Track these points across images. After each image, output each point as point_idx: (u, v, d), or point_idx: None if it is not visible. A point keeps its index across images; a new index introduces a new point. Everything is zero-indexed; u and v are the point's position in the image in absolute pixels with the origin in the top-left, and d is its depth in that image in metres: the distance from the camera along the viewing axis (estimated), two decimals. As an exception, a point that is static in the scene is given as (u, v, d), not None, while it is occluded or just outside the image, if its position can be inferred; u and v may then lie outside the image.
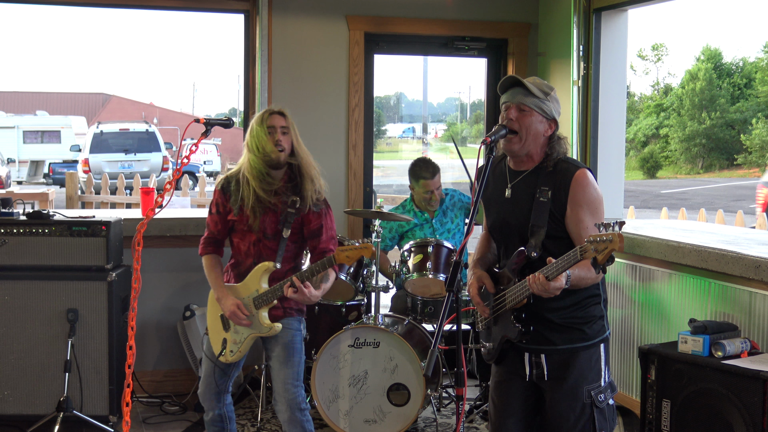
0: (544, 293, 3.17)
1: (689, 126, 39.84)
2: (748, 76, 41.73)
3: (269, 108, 4.20)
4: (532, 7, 6.76)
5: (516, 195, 3.44)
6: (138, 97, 56.52)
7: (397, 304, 5.71)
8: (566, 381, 3.43)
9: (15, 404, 5.18)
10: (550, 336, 3.43)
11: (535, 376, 3.49)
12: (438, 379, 5.26)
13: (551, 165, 3.39)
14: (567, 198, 3.33)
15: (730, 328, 4.32)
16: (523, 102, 3.35)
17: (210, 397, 4.25)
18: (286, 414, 4.13)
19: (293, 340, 4.17)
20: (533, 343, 3.45)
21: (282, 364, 4.14)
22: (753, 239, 5.06)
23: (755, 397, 3.81)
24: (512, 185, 3.45)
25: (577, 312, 3.43)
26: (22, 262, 5.16)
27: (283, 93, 6.27)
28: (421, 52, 7.45)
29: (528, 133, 3.36)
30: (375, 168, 7.02)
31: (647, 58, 48.29)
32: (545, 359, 3.45)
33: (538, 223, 3.34)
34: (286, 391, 4.11)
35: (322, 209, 4.16)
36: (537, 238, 3.33)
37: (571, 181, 3.34)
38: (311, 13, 6.38)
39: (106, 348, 5.20)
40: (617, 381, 5.59)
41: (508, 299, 3.42)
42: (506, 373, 3.58)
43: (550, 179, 3.37)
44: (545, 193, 3.34)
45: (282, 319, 4.15)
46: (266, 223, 4.09)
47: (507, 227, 3.47)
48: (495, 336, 3.56)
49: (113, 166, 22.17)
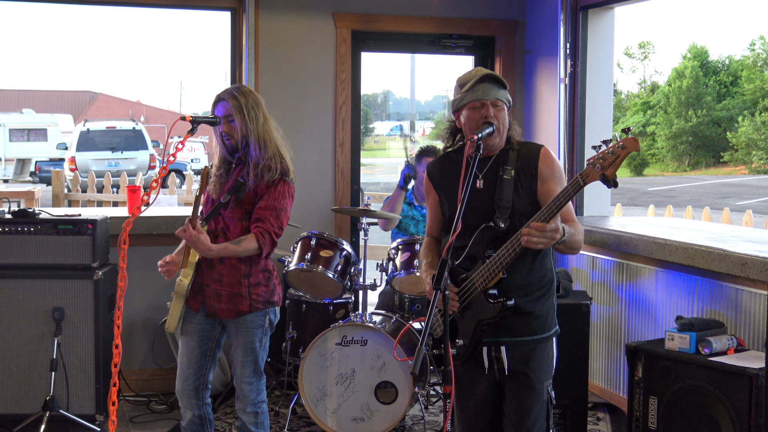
0: (543, 239, 3.12)
1: (676, 124, 39.98)
2: (734, 73, 41.90)
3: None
4: (520, 4, 6.77)
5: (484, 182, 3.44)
6: (125, 95, 56.37)
7: (384, 300, 5.71)
8: (529, 375, 3.41)
9: (1, 404, 5.16)
10: (511, 324, 3.38)
11: (497, 370, 3.44)
12: (425, 377, 5.26)
13: (515, 147, 3.45)
14: (536, 173, 3.38)
15: (717, 325, 4.33)
16: (497, 98, 3.39)
17: (188, 393, 4.17)
18: (244, 407, 4.16)
19: (253, 340, 4.15)
20: (492, 336, 3.39)
21: (240, 362, 4.15)
22: (739, 236, 5.08)
23: (742, 393, 3.82)
24: (483, 175, 3.43)
25: (537, 299, 3.42)
26: (8, 260, 5.14)
27: (270, 91, 6.26)
28: (408, 50, 7.46)
29: (504, 126, 3.42)
30: (362, 166, 7.01)
31: (634, 56, 48.44)
32: (506, 352, 3.42)
33: (504, 197, 3.36)
34: (242, 390, 4.15)
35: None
36: (503, 211, 3.34)
37: (539, 156, 3.41)
38: (298, 10, 6.37)
39: (93, 347, 5.18)
40: (604, 378, 5.61)
41: (477, 282, 3.35)
42: (465, 375, 3.50)
43: (512, 159, 3.41)
44: (508, 172, 3.38)
45: (247, 315, 4.12)
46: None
47: (472, 213, 3.37)
48: (465, 329, 3.43)
49: (100, 164, 22.07)
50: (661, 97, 42.34)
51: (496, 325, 3.36)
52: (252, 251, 4.02)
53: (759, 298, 4.28)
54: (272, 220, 4.04)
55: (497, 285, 3.32)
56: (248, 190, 4.03)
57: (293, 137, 6.39)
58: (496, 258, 3.28)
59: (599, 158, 2.96)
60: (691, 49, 43.12)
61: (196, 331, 4.16)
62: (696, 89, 40.27)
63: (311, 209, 6.37)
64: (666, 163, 40.79)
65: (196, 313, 4.15)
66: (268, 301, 4.18)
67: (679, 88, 40.39)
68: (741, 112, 38.47)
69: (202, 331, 4.16)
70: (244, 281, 4.10)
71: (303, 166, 6.39)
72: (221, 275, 4.09)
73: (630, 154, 2.94)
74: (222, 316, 4.12)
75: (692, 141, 39.99)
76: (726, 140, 38.60)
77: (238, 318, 4.12)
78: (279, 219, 4.07)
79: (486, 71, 3.45)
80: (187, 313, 4.15)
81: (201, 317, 4.15)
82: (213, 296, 4.10)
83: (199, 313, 4.15)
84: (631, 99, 47.00)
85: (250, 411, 4.18)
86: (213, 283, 4.10)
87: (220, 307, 4.10)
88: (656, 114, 42.05)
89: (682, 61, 42.70)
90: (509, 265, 3.27)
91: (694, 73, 40.43)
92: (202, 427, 4.22)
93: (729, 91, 41.54)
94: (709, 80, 41.57)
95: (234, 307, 4.10)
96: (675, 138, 40.12)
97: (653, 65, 79.69)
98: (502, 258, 3.26)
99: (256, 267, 4.14)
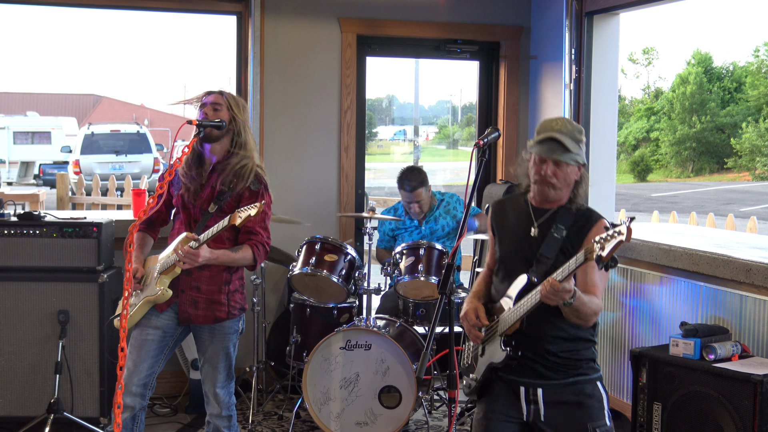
0: (554, 295, 3.17)
1: (680, 130, 39.95)
2: (738, 80, 41.87)
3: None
4: (525, 10, 6.78)
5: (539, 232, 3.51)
6: (129, 99, 56.33)
7: (386, 302, 5.71)
8: (572, 418, 3.41)
9: (5, 406, 5.17)
10: (544, 371, 3.44)
11: (533, 413, 3.45)
12: (430, 381, 5.26)
13: (574, 208, 3.49)
14: (583, 240, 3.40)
15: (721, 332, 4.33)
16: (559, 159, 3.42)
17: (134, 390, 4.07)
18: (219, 411, 4.17)
19: (228, 345, 4.17)
20: (528, 377, 3.45)
21: (214, 367, 4.15)
22: (744, 242, 5.08)
23: (746, 400, 3.82)
24: (539, 224, 3.50)
25: (572, 346, 3.44)
26: (13, 263, 5.15)
27: (275, 95, 6.27)
28: (413, 55, 7.45)
29: (565, 184, 3.46)
30: (366, 170, 7.02)
31: (638, 62, 48.42)
32: (542, 395, 3.44)
33: (547, 254, 3.41)
34: (216, 395, 4.16)
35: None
36: (541, 267, 3.40)
37: (593, 226, 3.44)
38: (303, 15, 6.38)
39: (97, 350, 5.19)
40: (609, 384, 5.61)
41: (500, 325, 3.45)
42: (494, 412, 3.51)
43: (569, 219, 3.46)
44: (560, 231, 3.43)
45: (224, 321, 4.14)
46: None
47: (516, 258, 3.52)
48: (479, 367, 3.57)
49: (104, 167, 22.10)
50: (665, 103, 42.32)
51: (531, 368, 3.43)
52: (248, 261, 4.08)
53: (763, 304, 4.28)
54: (262, 232, 4.10)
55: (515, 333, 3.42)
56: (229, 198, 4.07)
57: (298, 141, 6.44)
58: (517, 308, 3.37)
59: (604, 238, 2.99)
60: (695, 55, 43.11)
61: (159, 327, 4.11)
62: (700, 95, 40.25)
63: (316, 213, 6.38)
64: (670, 168, 40.75)
65: (159, 312, 4.12)
66: (243, 307, 4.25)
67: (683, 94, 40.37)
68: (745, 119, 38.44)
69: (166, 328, 4.13)
70: (225, 288, 4.13)
71: (308, 170, 6.42)
72: (199, 282, 4.09)
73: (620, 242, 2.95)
74: (197, 322, 4.12)
75: (696, 147, 39.96)
76: (730, 146, 38.57)
77: (214, 324, 4.13)
78: (267, 230, 4.15)
79: (556, 133, 3.43)
80: (150, 310, 4.12)
81: (165, 315, 4.12)
82: (189, 302, 4.10)
83: (164, 312, 4.12)
84: (635, 105, 46.98)
85: (225, 415, 4.20)
86: (189, 290, 4.10)
87: (195, 314, 4.10)
88: (660, 120, 42.03)
89: (686, 67, 42.69)
90: (531, 314, 3.33)
91: (698, 79, 40.40)
92: (132, 430, 4.13)
93: (733, 97, 41.51)
94: (713, 86, 41.54)
95: (212, 314, 4.11)
96: (679, 144, 40.09)
97: (657, 71, 79.57)
98: (521, 308, 3.34)
99: (235, 274, 4.19)
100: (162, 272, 4.06)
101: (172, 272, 4.05)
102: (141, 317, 4.10)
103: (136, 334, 4.14)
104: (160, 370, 4.21)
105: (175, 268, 4.04)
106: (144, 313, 4.09)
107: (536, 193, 3.52)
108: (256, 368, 5.72)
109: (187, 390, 5.88)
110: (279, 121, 6.30)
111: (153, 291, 4.05)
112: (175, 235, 4.13)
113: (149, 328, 4.11)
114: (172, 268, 4.04)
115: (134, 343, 4.12)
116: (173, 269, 4.04)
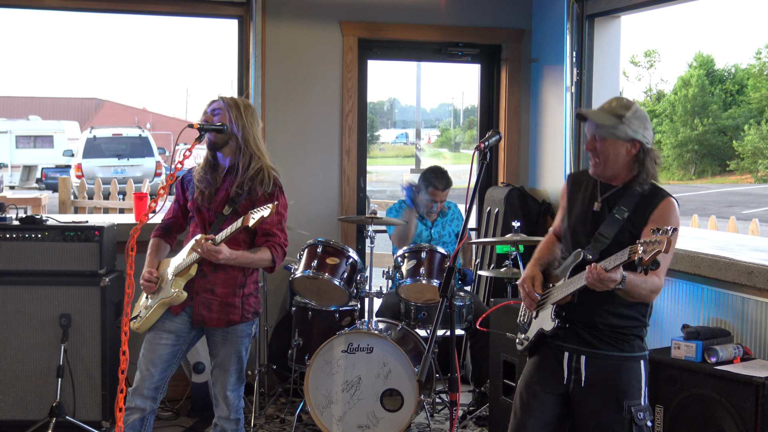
0: (599, 283, 3.17)
1: (682, 132, 39.94)
2: (740, 82, 41.84)
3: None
4: (526, 13, 6.78)
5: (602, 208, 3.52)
6: (131, 102, 56.37)
7: (387, 300, 5.70)
8: (608, 390, 3.42)
9: (8, 410, 5.17)
10: (591, 339, 3.45)
11: (573, 381, 3.47)
12: (431, 384, 5.26)
13: (640, 187, 3.47)
14: (648, 220, 3.39)
15: (723, 334, 4.33)
16: (595, 133, 3.45)
17: (146, 393, 4.08)
18: (228, 414, 4.17)
19: (240, 348, 4.18)
20: (574, 343, 3.47)
21: (225, 370, 4.16)
22: (746, 245, 5.08)
23: (748, 402, 3.81)
24: (602, 199, 3.51)
25: (621, 323, 3.44)
26: (15, 267, 5.16)
27: (277, 98, 6.28)
28: (414, 58, 7.45)
29: (606, 158, 3.44)
30: (368, 173, 7.02)
31: (640, 65, 48.39)
32: (585, 363, 3.45)
33: (605, 233, 3.41)
34: (226, 398, 4.17)
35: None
36: (597, 246, 3.40)
37: (659, 205, 3.43)
38: (305, 18, 6.39)
39: (99, 353, 5.20)
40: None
41: (553, 294, 3.49)
42: (541, 376, 3.57)
43: (634, 200, 3.45)
44: (621, 212, 3.43)
45: (238, 325, 4.14)
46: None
47: (578, 231, 3.54)
48: (532, 329, 3.61)
49: (106, 171, 22.13)
50: (667, 106, 42.30)
51: (578, 336, 3.46)
52: (266, 262, 4.09)
53: (765, 306, 4.28)
54: (280, 234, 4.11)
55: (566, 305, 3.45)
56: (244, 200, 4.08)
57: (299, 145, 6.45)
58: (570, 282, 3.39)
59: (648, 242, 2.98)
60: (697, 58, 43.08)
61: (173, 331, 4.12)
62: (702, 98, 40.23)
63: (317, 217, 6.38)
64: (672, 171, 40.73)
65: (174, 315, 4.12)
66: (257, 311, 4.25)
67: (684, 97, 40.36)
68: (747, 121, 38.42)
69: (180, 332, 4.13)
70: (239, 291, 4.13)
71: (309, 173, 6.42)
72: (214, 284, 4.09)
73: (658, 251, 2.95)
74: (211, 325, 4.12)
75: (698, 149, 39.94)
76: (732, 149, 38.54)
77: (228, 327, 4.14)
78: (284, 232, 4.16)
79: (589, 111, 3.51)
80: (164, 313, 4.13)
81: (180, 319, 4.12)
82: (203, 305, 4.09)
83: (178, 315, 4.12)
84: (637, 107, 46.91)
85: (234, 418, 4.20)
86: (204, 293, 4.10)
87: (210, 317, 4.10)
88: (662, 122, 42.00)
89: (688, 69, 42.67)
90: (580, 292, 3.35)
91: (700, 82, 40.39)
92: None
93: (735, 99, 41.48)
94: (715, 89, 41.52)
95: (225, 317, 4.11)
96: (681, 146, 40.07)
97: (659, 74, 79.51)
98: (573, 285, 3.36)
99: (250, 277, 4.19)
100: (177, 274, 4.07)
101: (187, 274, 4.06)
102: (156, 320, 4.11)
103: (150, 338, 4.14)
104: (173, 374, 4.22)
105: (189, 270, 4.05)
106: (160, 315, 4.10)
107: (593, 175, 3.54)
108: (258, 372, 5.73)
109: (189, 393, 5.88)
110: (280, 125, 6.30)
111: (168, 293, 4.05)
112: (190, 238, 4.15)
113: (163, 332, 4.11)
114: (187, 270, 4.05)
115: (148, 347, 4.13)
116: (188, 271, 4.06)
